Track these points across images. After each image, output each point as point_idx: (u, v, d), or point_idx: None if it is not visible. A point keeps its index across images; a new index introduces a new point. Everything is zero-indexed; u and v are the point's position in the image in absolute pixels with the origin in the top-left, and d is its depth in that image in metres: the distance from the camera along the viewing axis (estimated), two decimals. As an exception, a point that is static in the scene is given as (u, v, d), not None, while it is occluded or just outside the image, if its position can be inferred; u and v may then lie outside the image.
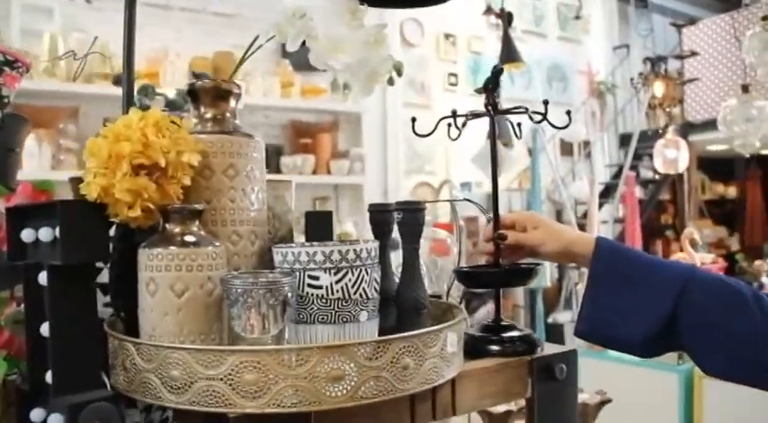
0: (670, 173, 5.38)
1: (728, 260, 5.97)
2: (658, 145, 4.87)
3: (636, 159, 6.33)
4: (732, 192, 9.05)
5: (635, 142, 3.96)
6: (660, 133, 5.44)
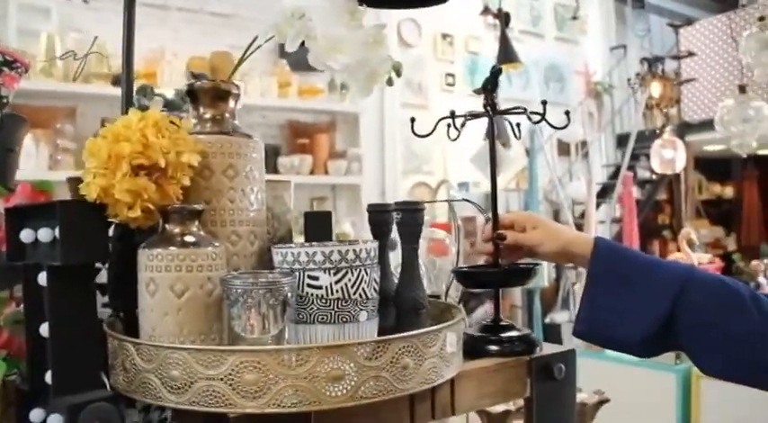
0: (667, 173, 5.38)
1: (725, 260, 5.99)
2: (655, 145, 4.88)
3: (633, 159, 6.34)
4: (729, 192, 9.06)
5: (632, 142, 3.96)
6: (657, 133, 5.45)
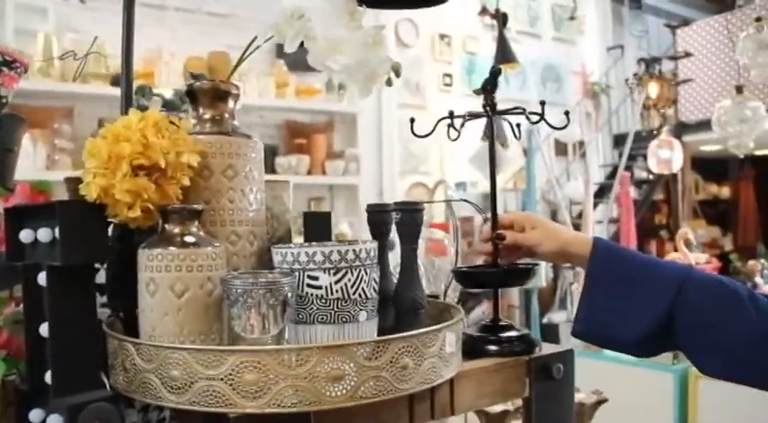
0: (664, 173, 5.39)
1: (722, 260, 6.00)
2: (652, 145, 4.89)
3: (630, 160, 6.34)
4: (725, 192, 9.09)
5: (630, 143, 3.97)
6: (655, 134, 5.46)
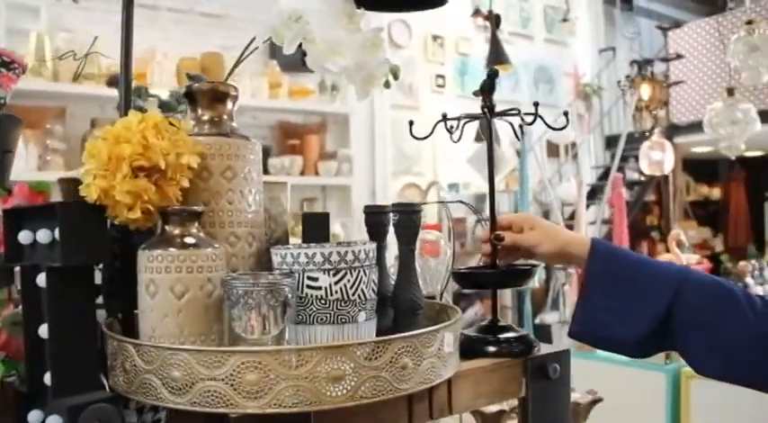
0: (655, 174, 5.42)
1: (713, 261, 6.04)
2: (644, 147, 4.91)
3: (622, 161, 6.38)
4: (716, 193, 9.14)
5: (622, 144, 3.99)
6: (646, 135, 5.49)
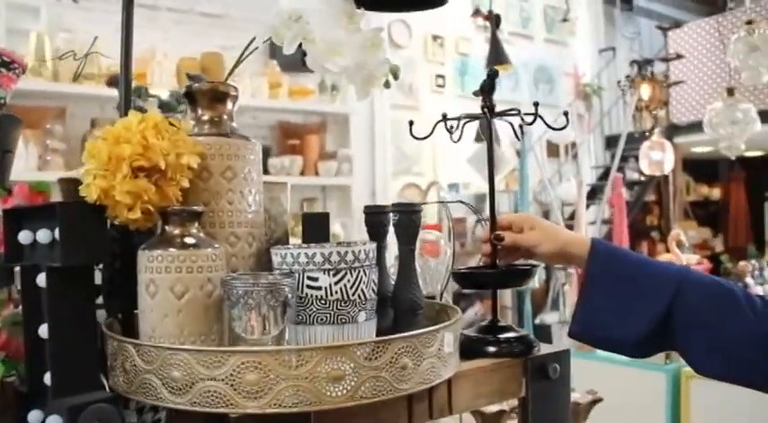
0: (655, 174, 5.42)
1: (713, 261, 6.04)
2: (644, 147, 4.91)
3: (622, 161, 6.38)
4: (716, 193, 9.15)
5: (622, 144, 3.99)
6: (646, 135, 5.49)
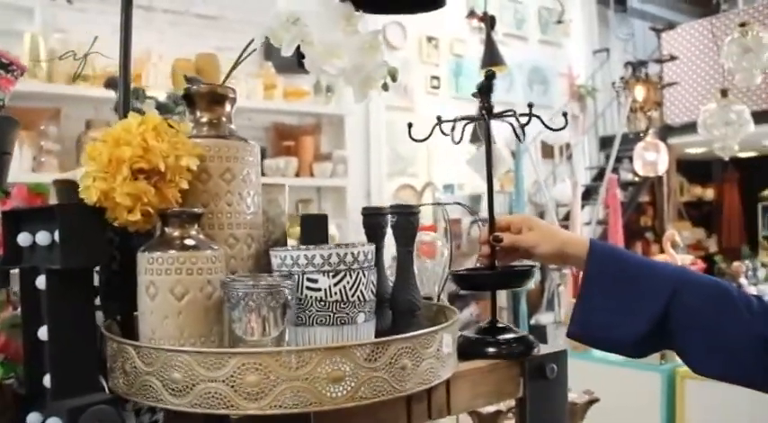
0: (650, 175, 5.44)
1: (707, 261, 6.07)
2: (638, 148, 4.94)
3: (616, 162, 6.40)
4: (710, 194, 9.19)
5: (617, 145, 4.01)
6: (641, 136, 5.51)
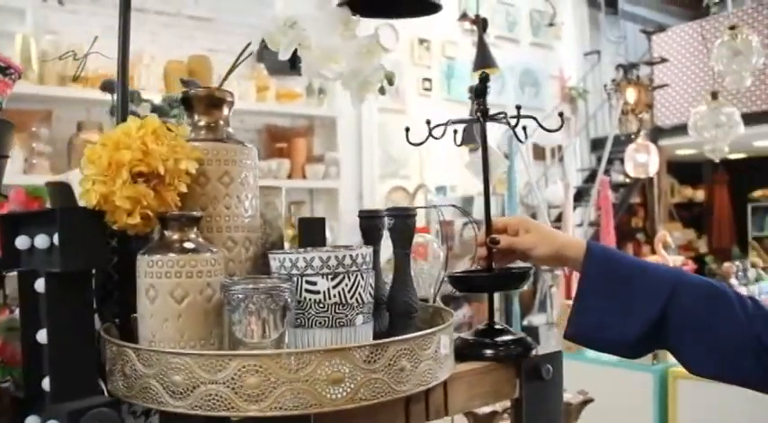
0: (640, 177, 5.47)
1: (698, 262, 6.11)
2: (629, 149, 4.96)
3: (607, 164, 6.43)
4: (700, 195, 9.25)
5: (609, 146, 4.03)
6: (632, 138, 5.54)
